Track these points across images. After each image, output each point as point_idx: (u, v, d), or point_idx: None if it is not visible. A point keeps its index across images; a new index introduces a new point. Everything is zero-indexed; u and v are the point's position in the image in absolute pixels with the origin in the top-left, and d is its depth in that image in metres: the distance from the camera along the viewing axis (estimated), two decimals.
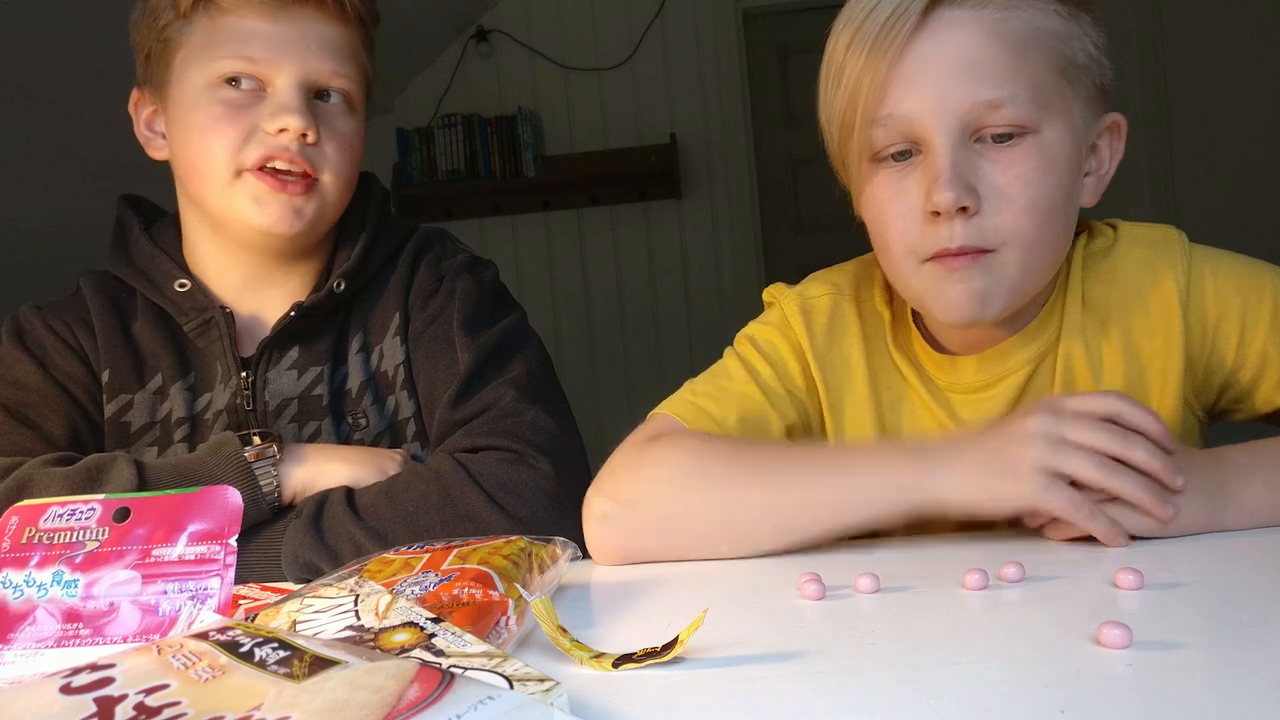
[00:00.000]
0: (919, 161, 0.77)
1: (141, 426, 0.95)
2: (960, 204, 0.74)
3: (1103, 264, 0.85)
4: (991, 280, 0.77)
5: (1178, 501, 0.70)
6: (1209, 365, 0.83)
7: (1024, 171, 0.75)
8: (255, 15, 0.90)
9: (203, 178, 0.92)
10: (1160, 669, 0.47)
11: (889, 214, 0.79)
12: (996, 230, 0.76)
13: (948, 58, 0.75)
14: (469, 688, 0.38)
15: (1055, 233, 0.79)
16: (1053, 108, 0.77)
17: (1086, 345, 0.83)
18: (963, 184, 0.74)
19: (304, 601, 0.57)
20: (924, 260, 0.78)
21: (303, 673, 0.39)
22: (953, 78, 0.75)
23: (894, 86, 0.76)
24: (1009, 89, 0.74)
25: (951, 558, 0.73)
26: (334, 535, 0.82)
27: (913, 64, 0.75)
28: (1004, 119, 0.75)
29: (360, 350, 0.98)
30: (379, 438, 0.97)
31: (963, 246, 0.75)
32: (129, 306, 0.99)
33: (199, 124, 0.91)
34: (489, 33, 3.81)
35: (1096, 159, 0.83)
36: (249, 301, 0.99)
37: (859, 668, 0.51)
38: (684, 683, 0.50)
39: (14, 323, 0.98)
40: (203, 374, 0.97)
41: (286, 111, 0.90)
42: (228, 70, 0.90)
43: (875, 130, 0.78)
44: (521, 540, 0.68)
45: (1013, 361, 0.85)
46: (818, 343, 0.90)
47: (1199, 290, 0.81)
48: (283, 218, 0.91)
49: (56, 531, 0.57)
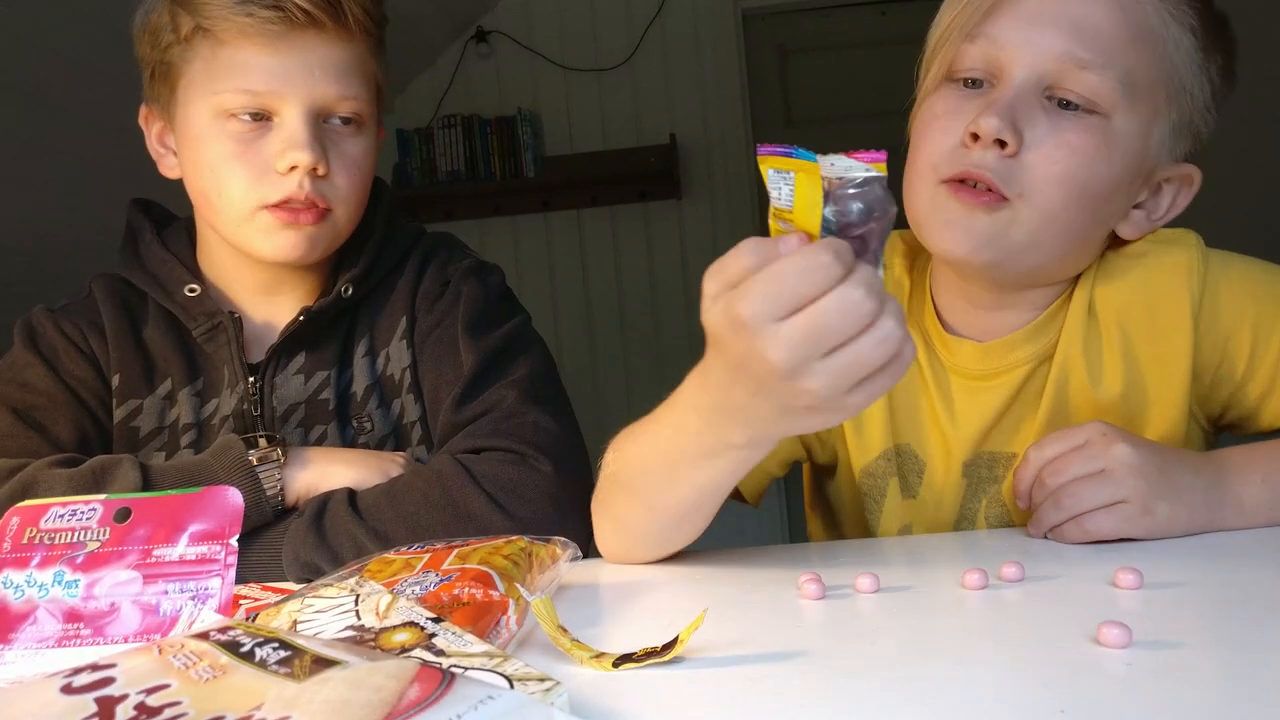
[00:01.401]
0: (987, 92, 0.77)
1: (150, 432, 0.95)
2: (1000, 135, 0.73)
3: (1113, 266, 0.84)
4: (996, 229, 0.75)
5: (1170, 501, 0.70)
6: (1216, 377, 0.82)
7: (1075, 142, 0.74)
8: (255, 47, 0.88)
9: (216, 212, 0.92)
10: (1160, 668, 0.47)
11: (934, 127, 0.79)
12: (1021, 181, 0.74)
13: (1068, 7, 0.75)
14: (469, 687, 0.38)
15: (1079, 221, 0.77)
16: (1134, 106, 0.75)
17: (1086, 350, 0.82)
18: (1011, 119, 0.73)
19: (305, 601, 0.57)
20: (942, 180, 0.77)
21: (303, 673, 0.39)
22: (1063, 26, 0.74)
23: (1004, 12, 0.76)
24: (1104, 59, 0.74)
25: (951, 557, 0.73)
26: (335, 536, 0.82)
27: (1035, 1, 0.76)
28: (1083, 85, 0.74)
29: (366, 354, 0.98)
30: (384, 441, 0.97)
31: (984, 178, 0.74)
32: (140, 311, 0.99)
33: (209, 160, 0.90)
34: (489, 33, 3.80)
35: (1155, 200, 0.81)
36: (262, 307, 0.99)
37: (859, 668, 0.51)
38: (684, 683, 0.50)
39: (26, 324, 0.97)
40: (210, 379, 0.97)
41: (295, 147, 0.88)
42: (231, 105, 0.88)
43: (967, 45, 0.77)
44: (522, 540, 0.68)
45: (1015, 357, 0.84)
46: None
47: (1212, 300, 0.80)
48: (295, 248, 0.91)
49: (57, 532, 0.57)
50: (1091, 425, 0.75)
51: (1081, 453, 0.73)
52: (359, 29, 0.92)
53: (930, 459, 0.88)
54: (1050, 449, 0.75)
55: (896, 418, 0.88)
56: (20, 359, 0.95)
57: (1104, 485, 0.71)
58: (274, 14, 0.86)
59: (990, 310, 0.85)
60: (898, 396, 0.88)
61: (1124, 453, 0.71)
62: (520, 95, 3.79)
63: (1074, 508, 0.72)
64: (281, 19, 0.87)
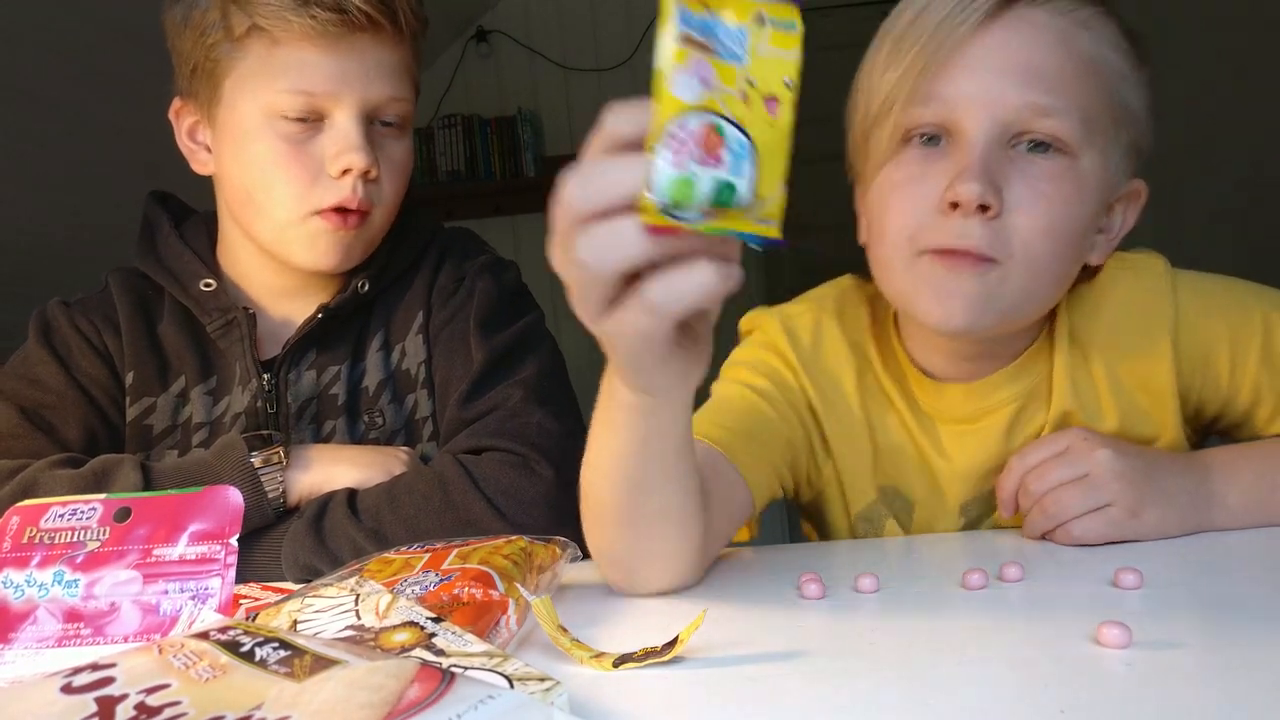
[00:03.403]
0: (947, 151, 0.74)
1: (163, 430, 0.95)
2: (984, 200, 0.70)
3: (1088, 296, 0.82)
4: (990, 293, 0.72)
5: (1157, 504, 0.70)
6: (1201, 397, 0.81)
7: (1052, 190, 0.72)
8: (313, 47, 0.87)
9: (260, 212, 0.91)
10: (1160, 669, 0.47)
11: (898, 196, 0.75)
12: (1010, 242, 0.71)
13: (1013, 53, 0.72)
14: (469, 687, 0.38)
15: (1064, 265, 0.75)
16: (1095, 140, 0.74)
17: (1076, 387, 0.81)
18: (990, 181, 0.70)
19: (304, 601, 0.57)
20: (921, 252, 0.74)
21: (303, 672, 0.39)
22: (1012, 73, 0.72)
23: (952, 68, 0.73)
24: (1063, 100, 0.72)
25: (951, 557, 0.73)
26: (334, 539, 0.82)
27: (977, 50, 0.73)
28: (1048, 128, 0.72)
29: (381, 348, 0.98)
30: (394, 436, 0.97)
31: (973, 249, 0.71)
32: (155, 306, 0.98)
33: (260, 159, 0.89)
34: (489, 33, 3.80)
35: (1109, 221, 0.80)
36: (281, 305, 0.98)
37: (859, 668, 0.51)
38: (684, 683, 0.50)
39: (41, 319, 0.97)
40: (223, 377, 0.96)
41: (350, 150, 0.88)
42: (287, 105, 0.87)
43: (918, 108, 0.74)
44: (522, 540, 0.68)
45: (1000, 396, 0.82)
46: (805, 356, 0.86)
47: (1188, 324, 0.79)
48: (333, 257, 0.91)
49: (57, 531, 0.57)
50: (1073, 431, 0.75)
51: (1063, 458, 0.73)
52: (409, 31, 0.92)
53: (919, 501, 0.86)
54: (1032, 456, 0.75)
55: (881, 463, 0.85)
56: (34, 354, 0.95)
57: (1088, 491, 0.71)
58: (335, 16, 0.86)
59: (971, 360, 0.83)
60: (881, 445, 0.85)
61: (1106, 457, 0.71)
62: (520, 95, 3.78)
63: (1059, 515, 0.72)
64: (343, 21, 0.86)
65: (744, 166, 0.44)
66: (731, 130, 0.44)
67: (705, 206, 0.44)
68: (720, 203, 0.44)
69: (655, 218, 0.45)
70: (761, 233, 0.46)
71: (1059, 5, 0.74)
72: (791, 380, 0.86)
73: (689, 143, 0.44)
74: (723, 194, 0.44)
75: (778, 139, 0.45)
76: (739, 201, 0.44)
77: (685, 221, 0.45)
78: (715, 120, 0.44)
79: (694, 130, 0.44)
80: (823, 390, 0.86)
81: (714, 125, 0.44)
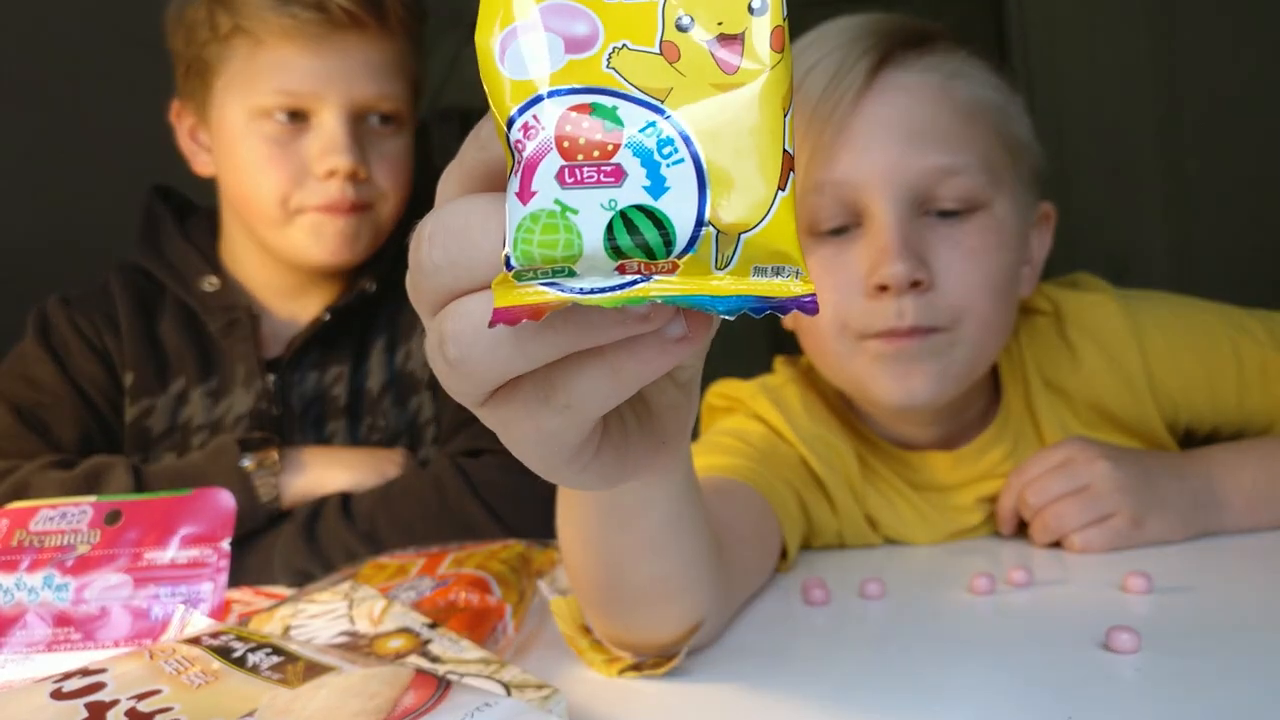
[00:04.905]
0: (860, 235, 0.71)
1: (162, 432, 0.94)
2: (913, 278, 0.68)
3: (1060, 352, 0.80)
4: (944, 361, 0.71)
5: (1160, 512, 0.70)
6: (1190, 423, 0.80)
7: (977, 246, 0.70)
8: (295, 46, 0.86)
9: (255, 214, 0.91)
10: (1169, 674, 0.47)
11: (823, 286, 0.70)
12: (951, 308, 0.70)
13: (896, 121, 0.70)
14: (465, 694, 0.37)
15: (1007, 313, 0.74)
16: (1001, 182, 0.72)
17: (1064, 427, 0.79)
18: (914, 256, 0.68)
19: (298, 606, 0.56)
20: (862, 338, 0.71)
21: (296, 679, 0.39)
22: (902, 142, 0.69)
23: (838, 150, 0.70)
24: (962, 156, 0.70)
25: (958, 562, 0.73)
26: (328, 544, 0.81)
27: (859, 126, 0.70)
28: (956, 189, 0.70)
29: (385, 349, 0.97)
30: (396, 438, 0.95)
31: (914, 325, 0.69)
32: (156, 305, 0.97)
33: (245, 161, 0.89)
34: None
35: (1027, 250, 0.77)
36: (286, 304, 0.97)
37: (865, 674, 0.50)
38: (686, 690, 0.50)
39: (40, 316, 0.96)
40: (225, 377, 0.95)
41: (334, 150, 0.87)
42: (269, 105, 0.87)
43: (815, 199, 0.71)
44: (519, 545, 0.67)
45: (989, 460, 0.79)
46: (799, 425, 0.79)
47: (1159, 365, 0.77)
48: (338, 249, 0.90)
49: (47, 534, 0.56)
50: (1071, 442, 0.74)
51: (1063, 470, 0.72)
52: (400, 27, 0.91)
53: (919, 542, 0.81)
54: (1031, 470, 0.74)
55: (882, 527, 0.80)
56: (31, 353, 0.93)
57: (1089, 503, 0.70)
58: (316, 15, 0.85)
59: (938, 423, 0.79)
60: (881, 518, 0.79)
61: (1106, 469, 0.71)
62: None
63: (1059, 528, 0.71)
64: (324, 20, 0.85)
65: (671, 175, 0.24)
66: (635, 112, 0.24)
67: (601, 260, 0.24)
68: (640, 248, 0.24)
69: (515, 297, 0.25)
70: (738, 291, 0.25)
71: (927, 62, 0.72)
72: (788, 451, 0.78)
73: (547, 149, 0.24)
74: (633, 233, 0.24)
75: (750, 114, 0.24)
76: (676, 241, 0.24)
77: (571, 294, 0.24)
78: (594, 99, 0.24)
79: (552, 126, 0.24)
80: (823, 457, 0.78)
81: (590, 106, 0.24)
